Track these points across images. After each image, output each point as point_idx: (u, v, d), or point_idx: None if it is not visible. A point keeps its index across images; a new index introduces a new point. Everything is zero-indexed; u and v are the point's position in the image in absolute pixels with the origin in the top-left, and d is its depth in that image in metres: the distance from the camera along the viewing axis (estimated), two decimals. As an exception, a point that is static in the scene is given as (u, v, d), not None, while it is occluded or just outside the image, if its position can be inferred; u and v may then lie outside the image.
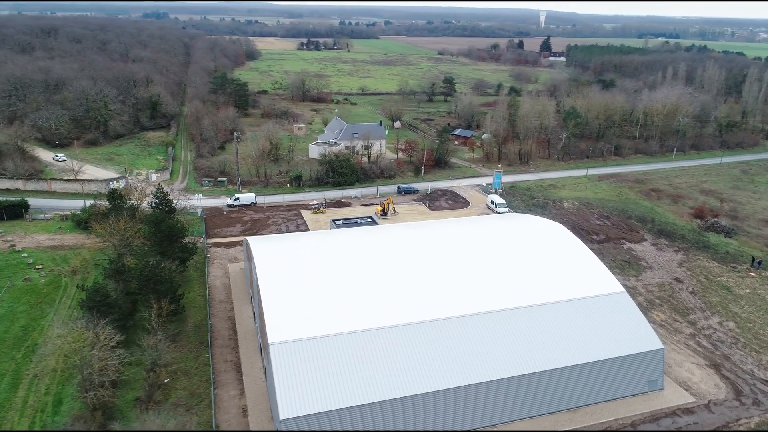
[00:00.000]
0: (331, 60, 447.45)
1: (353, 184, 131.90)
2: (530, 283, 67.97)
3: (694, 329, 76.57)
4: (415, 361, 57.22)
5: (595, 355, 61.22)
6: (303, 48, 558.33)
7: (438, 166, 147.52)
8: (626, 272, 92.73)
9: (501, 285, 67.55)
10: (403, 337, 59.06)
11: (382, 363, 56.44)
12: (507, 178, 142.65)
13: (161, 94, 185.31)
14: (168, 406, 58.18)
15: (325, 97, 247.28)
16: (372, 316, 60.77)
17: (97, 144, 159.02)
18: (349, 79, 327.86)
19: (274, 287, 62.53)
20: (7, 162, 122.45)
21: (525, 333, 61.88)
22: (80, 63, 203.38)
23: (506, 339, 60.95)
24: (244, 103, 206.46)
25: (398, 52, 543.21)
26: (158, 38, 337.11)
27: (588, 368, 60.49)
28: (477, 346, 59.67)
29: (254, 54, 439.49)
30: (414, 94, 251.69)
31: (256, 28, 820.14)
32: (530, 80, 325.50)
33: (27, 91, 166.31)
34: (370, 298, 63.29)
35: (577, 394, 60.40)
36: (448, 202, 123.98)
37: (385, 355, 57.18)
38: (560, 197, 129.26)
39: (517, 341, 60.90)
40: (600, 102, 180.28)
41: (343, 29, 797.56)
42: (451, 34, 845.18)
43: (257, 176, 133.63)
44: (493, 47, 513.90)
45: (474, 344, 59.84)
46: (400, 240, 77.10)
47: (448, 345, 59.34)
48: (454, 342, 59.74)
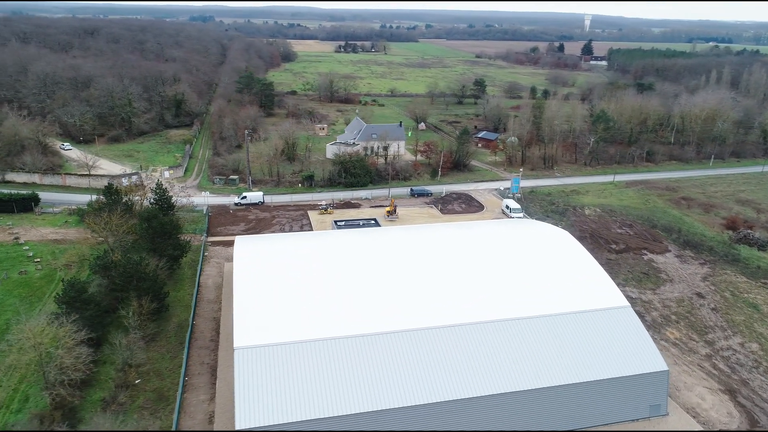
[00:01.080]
0: (366, 62, 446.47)
1: (366, 185, 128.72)
2: (526, 294, 63.26)
3: (711, 350, 70.06)
4: (391, 372, 53.39)
5: (591, 375, 56.06)
6: (340, 50, 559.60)
7: (457, 169, 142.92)
8: (643, 285, 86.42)
9: (494, 294, 63.09)
10: (380, 347, 55.32)
11: (355, 373, 52.84)
12: (528, 182, 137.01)
13: (186, 92, 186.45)
14: (133, 409, 56.12)
15: (352, 98, 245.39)
16: (350, 323, 57.27)
17: (120, 141, 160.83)
18: (380, 81, 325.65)
19: (248, 288, 59.83)
20: (26, 156, 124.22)
21: (513, 347, 57.23)
22: (111, 61, 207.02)
23: (492, 353, 56.42)
24: (270, 102, 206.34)
25: (435, 55, 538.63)
26: (194, 39, 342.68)
27: (582, 389, 55.41)
28: (461, 360, 55.39)
29: (290, 56, 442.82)
30: (443, 96, 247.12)
31: (297, 31, 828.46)
32: (567, 84, 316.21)
33: (56, 87, 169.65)
34: (351, 304, 59.85)
35: (569, 416, 55.38)
36: (462, 205, 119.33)
37: (361, 365, 53.54)
38: (582, 204, 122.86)
39: (503, 356, 56.31)
40: (633, 105, 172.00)
41: (382, 32, 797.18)
42: (491, 38, 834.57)
43: (270, 175, 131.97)
44: (532, 50, 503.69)
45: (458, 357, 55.59)
46: (395, 243, 73.46)
47: (430, 357, 55.28)
48: (437, 354, 55.62)
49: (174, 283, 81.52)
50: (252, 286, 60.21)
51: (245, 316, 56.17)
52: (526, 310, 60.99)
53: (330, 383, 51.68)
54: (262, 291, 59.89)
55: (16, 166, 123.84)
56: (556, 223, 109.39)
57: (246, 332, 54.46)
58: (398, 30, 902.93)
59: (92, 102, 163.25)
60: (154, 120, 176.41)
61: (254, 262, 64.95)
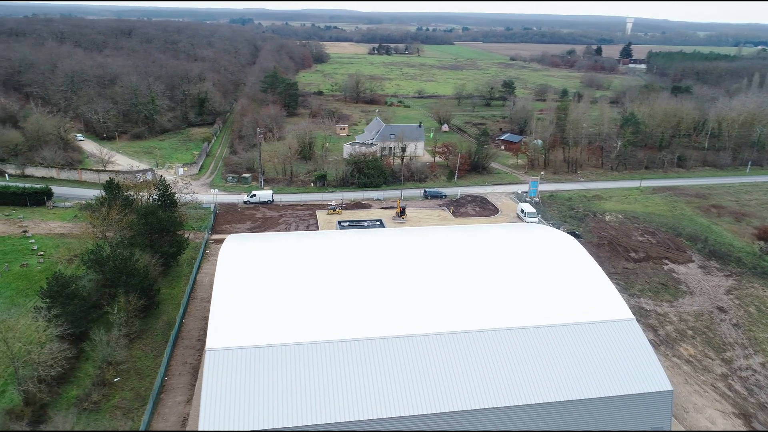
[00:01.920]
0: (398, 64, 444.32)
1: (380, 186, 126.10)
2: (522, 302, 59.38)
3: (728, 369, 64.74)
4: (372, 381, 50.47)
5: (588, 392, 51.91)
6: (374, 52, 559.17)
7: (475, 171, 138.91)
8: (659, 296, 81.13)
9: (490, 301, 59.41)
10: (364, 353, 52.41)
11: (334, 381, 50.04)
12: (549, 186, 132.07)
13: (210, 91, 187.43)
14: (107, 408, 54.72)
15: (378, 99, 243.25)
16: (335, 327, 54.50)
17: (142, 138, 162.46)
18: (410, 83, 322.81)
19: (229, 288, 57.74)
20: (45, 151, 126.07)
21: (504, 359, 53.54)
22: (138, 60, 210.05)
23: (482, 365, 52.83)
24: (293, 102, 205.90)
25: (469, 57, 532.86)
26: (227, 40, 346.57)
27: (575, 407, 51.34)
28: (450, 371, 51.96)
29: (323, 57, 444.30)
30: (470, 98, 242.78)
31: (333, 33, 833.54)
32: (602, 87, 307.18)
33: (83, 84, 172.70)
34: (338, 307, 57.06)
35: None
36: (476, 208, 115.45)
37: (341, 371, 50.71)
38: (603, 209, 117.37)
39: (493, 368, 52.66)
40: (666, 109, 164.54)
41: (418, 35, 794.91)
42: (528, 41, 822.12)
43: (284, 174, 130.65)
44: (568, 53, 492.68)
45: (447, 368, 52.16)
46: (393, 245, 70.46)
47: (415, 366, 52.08)
48: (424, 363, 52.41)
49: (170, 281, 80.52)
50: (234, 285, 58.14)
51: (222, 317, 54.04)
52: (521, 319, 57.23)
53: (307, 390, 49.01)
54: (244, 291, 57.72)
55: (36, 160, 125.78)
56: (573, 228, 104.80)
57: (221, 333, 52.31)
58: (434, 33, 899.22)
59: (116, 99, 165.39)
60: (177, 118, 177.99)
61: (240, 260, 62.92)
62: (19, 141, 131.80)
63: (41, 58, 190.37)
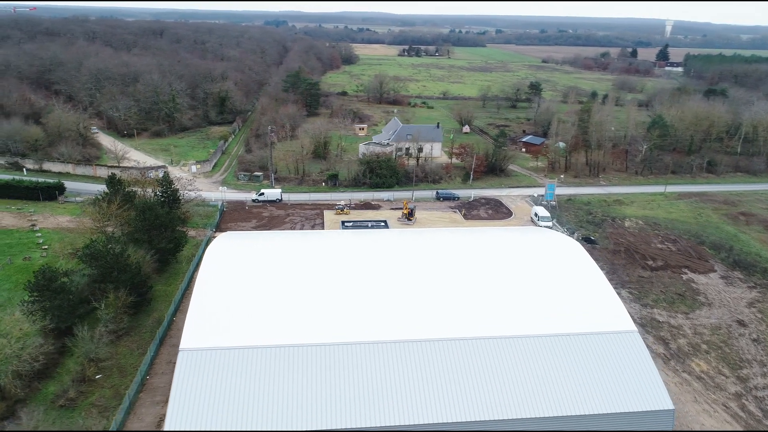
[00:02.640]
0: (427, 66, 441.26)
1: (392, 186, 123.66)
2: (518, 309, 56.24)
3: (743, 387, 60.13)
4: (351, 388, 48.13)
5: (580, 408, 48.50)
6: (404, 54, 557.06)
7: (492, 173, 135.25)
8: (675, 307, 76.51)
9: (485, 307, 56.47)
10: (341, 359, 50.16)
11: (309, 385, 47.92)
12: (569, 190, 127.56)
13: (231, 90, 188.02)
14: (84, 406, 53.64)
15: (401, 100, 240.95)
16: (314, 331, 52.37)
17: (162, 135, 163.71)
18: (436, 84, 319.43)
19: (211, 287, 56.15)
20: (62, 147, 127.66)
21: (494, 370, 50.50)
22: (166, 59, 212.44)
23: (470, 374, 49.98)
24: (315, 102, 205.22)
25: (500, 59, 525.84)
26: (256, 40, 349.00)
27: (567, 423, 48.00)
28: (433, 380, 49.31)
29: (352, 59, 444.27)
30: (496, 99, 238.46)
31: (365, 35, 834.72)
32: (634, 89, 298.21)
33: (106, 82, 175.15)
34: (321, 310, 54.92)
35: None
36: (489, 211, 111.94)
37: (317, 376, 48.63)
38: (623, 215, 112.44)
39: (481, 379, 49.72)
40: (697, 112, 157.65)
41: (449, 37, 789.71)
42: (563, 43, 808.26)
43: (296, 173, 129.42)
44: (602, 56, 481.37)
45: (430, 377, 49.53)
46: (388, 247, 68.01)
47: (399, 374, 49.55)
48: (408, 372, 49.80)
49: (167, 278, 79.67)
50: (216, 284, 56.54)
51: (200, 316, 52.49)
52: (515, 328, 54.13)
53: (281, 394, 47.10)
54: (226, 290, 56.07)
55: (53, 156, 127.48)
56: (589, 234, 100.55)
57: (197, 333, 50.77)
58: (466, 35, 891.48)
59: (138, 97, 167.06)
60: (198, 116, 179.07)
61: (228, 259, 61.33)
62: (39, 136, 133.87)
63: (68, 57, 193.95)
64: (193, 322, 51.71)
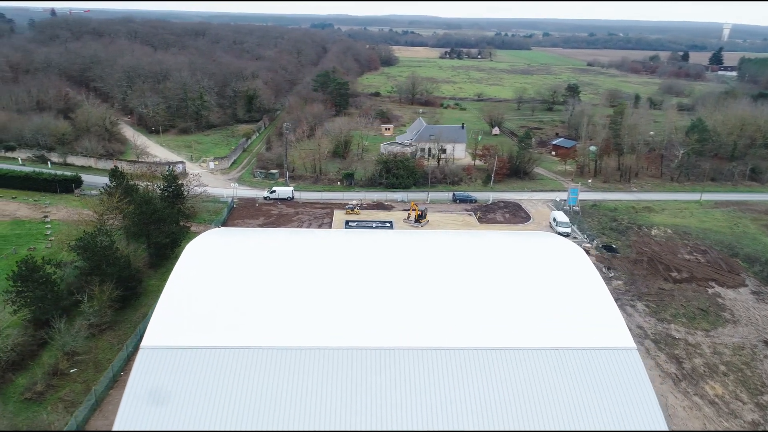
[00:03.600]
0: (467, 68, 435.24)
1: (409, 187, 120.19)
2: (507, 319, 52.02)
3: (761, 415, 54.10)
4: (318, 395, 45.16)
5: (566, 426, 44.09)
6: (445, 56, 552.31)
7: (516, 176, 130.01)
8: (695, 324, 70.36)
9: (471, 315, 52.47)
10: (309, 364, 47.22)
11: (275, 389, 45.24)
12: (594, 195, 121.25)
13: (260, 89, 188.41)
14: (52, 400, 52.52)
15: (433, 101, 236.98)
16: (288, 334, 49.58)
17: (189, 132, 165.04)
18: (474, 86, 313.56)
19: (185, 283, 54.01)
20: (86, 141, 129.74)
21: (473, 383, 46.53)
22: (199, 58, 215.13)
23: (446, 386, 46.26)
24: (344, 102, 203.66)
25: (543, 62, 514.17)
26: (296, 41, 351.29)
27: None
28: (404, 390, 45.85)
29: (391, 60, 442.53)
30: (530, 101, 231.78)
31: (409, 38, 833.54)
32: (681, 93, 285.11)
33: (138, 80, 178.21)
34: (299, 313, 52.07)
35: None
36: (506, 215, 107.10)
37: (280, 380, 45.83)
38: (651, 223, 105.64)
39: (458, 392, 45.89)
40: (742, 116, 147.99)
41: (494, 39, 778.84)
42: (612, 47, 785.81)
43: (313, 172, 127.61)
44: (651, 59, 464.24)
45: (401, 387, 46.08)
46: (382, 249, 64.71)
47: (370, 382, 46.32)
48: (379, 380, 46.48)
49: (162, 273, 78.36)
50: (191, 281, 54.41)
51: (168, 313, 50.34)
52: (502, 338, 49.92)
53: (247, 401, 44.56)
54: (201, 287, 53.79)
55: (77, 150, 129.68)
56: (611, 242, 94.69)
57: (161, 331, 48.59)
58: (512, 38, 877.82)
59: (166, 94, 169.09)
60: (226, 114, 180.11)
61: (208, 255, 59.20)
62: (66, 131, 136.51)
63: (105, 55, 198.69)
64: (159, 319, 49.65)
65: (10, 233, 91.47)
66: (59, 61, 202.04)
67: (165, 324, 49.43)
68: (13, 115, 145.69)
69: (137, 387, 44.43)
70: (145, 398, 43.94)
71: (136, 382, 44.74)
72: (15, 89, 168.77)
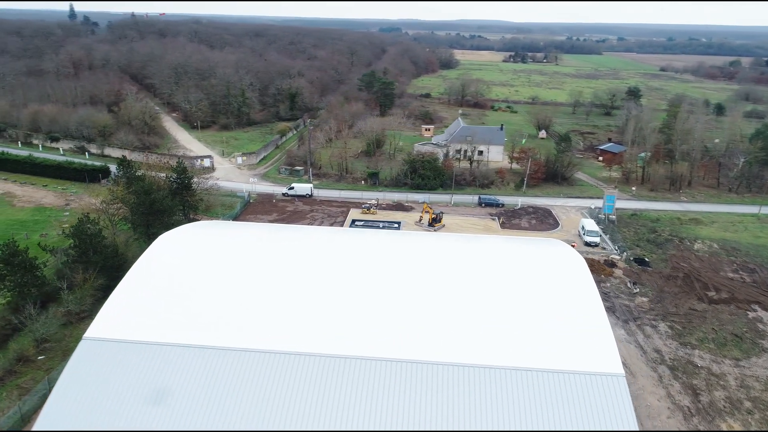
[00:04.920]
0: (529, 72, 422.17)
1: (435, 188, 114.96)
2: (488, 333, 46.51)
3: (785, 465, 45.81)
4: (261, 398, 41.66)
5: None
6: (509, 60, 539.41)
7: (553, 181, 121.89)
8: (723, 351, 61.71)
9: (449, 327, 47.36)
10: (256, 366, 43.74)
11: (215, 391, 42.10)
12: (637, 204, 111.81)
13: (303, 87, 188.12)
14: (10, 386, 51.60)
15: (483, 103, 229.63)
16: (244, 334, 46.33)
17: (229, 128, 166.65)
18: (531, 89, 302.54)
19: (145, 275, 51.88)
20: (121, 133, 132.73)
21: (434, 400, 41.55)
22: (250, 56, 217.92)
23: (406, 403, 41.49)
24: (388, 102, 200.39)
25: (612, 67, 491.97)
26: (348, 42, 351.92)
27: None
28: (361, 405, 41.55)
29: (451, 63, 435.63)
30: (585, 105, 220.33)
31: (475, 42, 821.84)
32: (760, 100, 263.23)
33: (184, 76, 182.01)
34: (262, 313, 48.70)
35: None
36: (532, 221, 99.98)
37: (225, 381, 42.61)
38: (695, 236, 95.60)
39: (418, 408, 41.03)
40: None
41: (563, 44, 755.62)
42: (690, 52, 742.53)
43: (339, 170, 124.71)
44: (731, 64, 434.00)
45: (358, 401, 41.81)
46: (370, 250, 60.40)
47: (322, 392, 42.33)
48: (336, 391, 42.41)
49: (159, 264, 77.41)
50: (152, 274, 52.17)
51: (119, 305, 48.19)
52: (476, 355, 44.49)
53: (182, 398, 41.59)
54: (161, 281, 51.44)
55: (113, 142, 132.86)
56: (644, 255, 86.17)
57: (109, 322, 46.56)
58: (583, 42, 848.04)
59: (210, 91, 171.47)
60: (269, 112, 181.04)
61: (180, 248, 56.89)
62: (107, 123, 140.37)
63: (157, 53, 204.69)
64: (108, 311, 47.52)
65: (29, 219, 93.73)
66: (117, 58, 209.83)
67: (113, 316, 47.29)
68: (63, 107, 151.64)
69: (71, 381, 42.39)
70: (78, 394, 41.77)
71: (70, 375, 42.71)
72: (72, 84, 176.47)
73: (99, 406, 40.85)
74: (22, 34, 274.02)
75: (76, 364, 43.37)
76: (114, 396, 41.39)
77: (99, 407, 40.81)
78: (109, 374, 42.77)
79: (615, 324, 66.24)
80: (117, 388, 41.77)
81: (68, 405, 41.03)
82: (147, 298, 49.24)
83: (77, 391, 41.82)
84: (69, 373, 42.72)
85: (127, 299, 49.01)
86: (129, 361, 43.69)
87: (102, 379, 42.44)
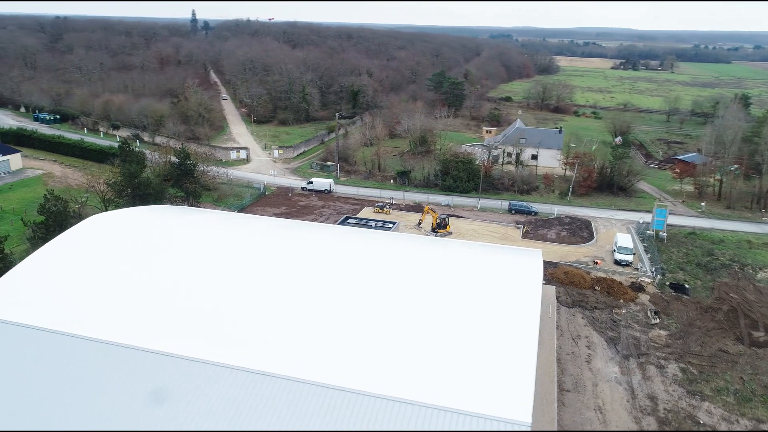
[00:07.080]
0: (636, 79, 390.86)
1: (468, 192, 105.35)
2: (389, 354, 38.38)
3: None
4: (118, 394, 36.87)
5: None
6: (619, 67, 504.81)
7: (608, 190, 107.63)
8: (744, 407, 48.15)
9: (350, 342, 39.88)
10: (130, 364, 39.01)
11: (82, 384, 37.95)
12: (701, 221, 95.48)
13: (365, 85, 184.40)
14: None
15: (566, 108, 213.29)
16: (134, 329, 41.78)
17: (287, 124, 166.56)
18: (630, 96, 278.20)
19: (53, 256, 48.94)
20: (169, 124, 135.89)
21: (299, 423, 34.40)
22: (322, 55, 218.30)
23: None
24: (457, 102, 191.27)
25: (738, 75, 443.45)
26: (439, 44, 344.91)
27: None
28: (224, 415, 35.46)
29: (550, 69, 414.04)
30: (679, 113, 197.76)
31: (587, 50, 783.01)
32: None
33: (251, 72, 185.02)
34: (166, 308, 43.80)
35: None
36: (562, 233, 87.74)
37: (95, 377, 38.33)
38: (763, 264, 78.79)
39: None
40: None
41: (686, 52, 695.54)
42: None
43: (372, 167, 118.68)
44: None
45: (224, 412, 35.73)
46: (317, 248, 53.86)
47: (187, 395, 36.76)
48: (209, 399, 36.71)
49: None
50: (61, 256, 49.07)
51: (16, 285, 45.57)
52: (364, 378, 36.68)
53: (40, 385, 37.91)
54: (64, 265, 48.06)
55: (163, 131, 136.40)
56: (685, 280, 72.12)
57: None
58: (711, 50, 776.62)
59: (272, 86, 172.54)
60: (331, 110, 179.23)
61: (101, 233, 53.16)
62: (164, 113, 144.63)
63: (229, 50, 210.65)
64: (4, 288, 45.07)
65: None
66: (198, 54, 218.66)
67: (5, 296, 44.66)
68: (130, 98, 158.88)
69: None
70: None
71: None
72: (149, 78, 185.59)
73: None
74: (131, 33, 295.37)
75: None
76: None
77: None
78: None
79: (609, 359, 54.40)
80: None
81: None
82: (40, 280, 46.15)
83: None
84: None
85: (24, 279, 46.27)
86: (11, 343, 40.59)
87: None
